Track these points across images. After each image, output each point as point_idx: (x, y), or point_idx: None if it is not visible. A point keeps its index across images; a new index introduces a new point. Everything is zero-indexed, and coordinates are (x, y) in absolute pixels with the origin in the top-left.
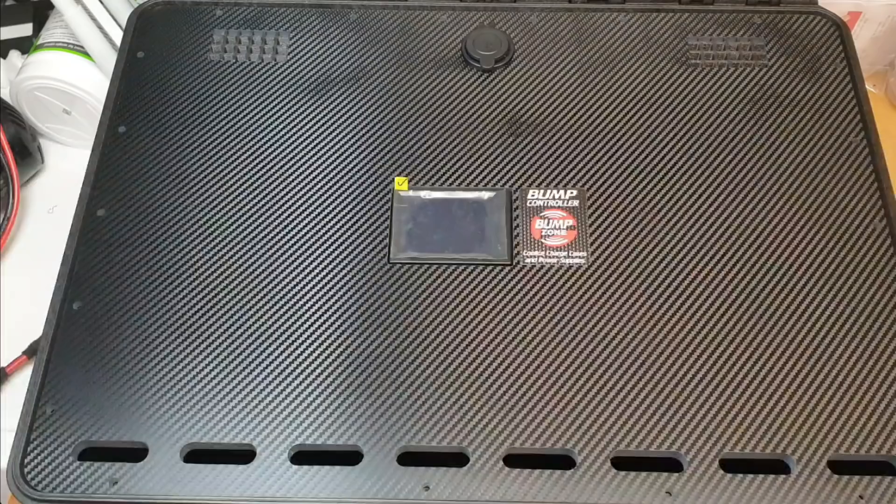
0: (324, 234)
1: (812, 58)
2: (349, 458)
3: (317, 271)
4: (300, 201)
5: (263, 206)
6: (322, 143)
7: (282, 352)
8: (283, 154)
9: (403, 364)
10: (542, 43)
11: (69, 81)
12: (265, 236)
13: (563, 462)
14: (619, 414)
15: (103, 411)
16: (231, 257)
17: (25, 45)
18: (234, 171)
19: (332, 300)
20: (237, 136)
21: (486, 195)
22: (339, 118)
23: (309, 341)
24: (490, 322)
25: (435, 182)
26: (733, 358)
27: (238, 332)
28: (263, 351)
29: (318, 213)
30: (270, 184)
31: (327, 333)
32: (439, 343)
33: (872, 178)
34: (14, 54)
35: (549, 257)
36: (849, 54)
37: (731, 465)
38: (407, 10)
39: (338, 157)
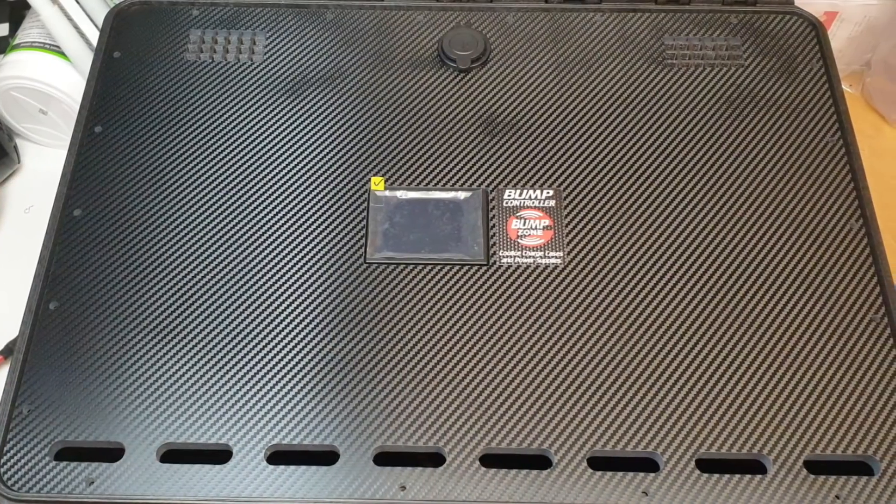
0: (300, 234)
1: (788, 58)
2: (325, 458)
3: (293, 271)
4: (276, 201)
5: (239, 206)
6: (298, 143)
7: (258, 352)
8: (259, 154)
9: (379, 364)
10: (518, 43)
11: (45, 81)
12: (241, 237)
13: (539, 462)
14: (596, 414)
15: (80, 411)
16: (207, 258)
17: (1, 46)
18: (211, 172)
19: (308, 300)
20: (213, 137)
21: (462, 195)
22: (315, 118)
23: (285, 341)
24: (466, 322)
25: (411, 182)
26: (710, 358)
27: (214, 333)
28: (239, 351)
29: (295, 213)
30: (246, 184)
31: (303, 333)
32: (415, 343)
33: (849, 178)
34: None
35: (526, 257)
36: (825, 54)
37: (708, 465)
38: (383, 10)
39: (314, 157)
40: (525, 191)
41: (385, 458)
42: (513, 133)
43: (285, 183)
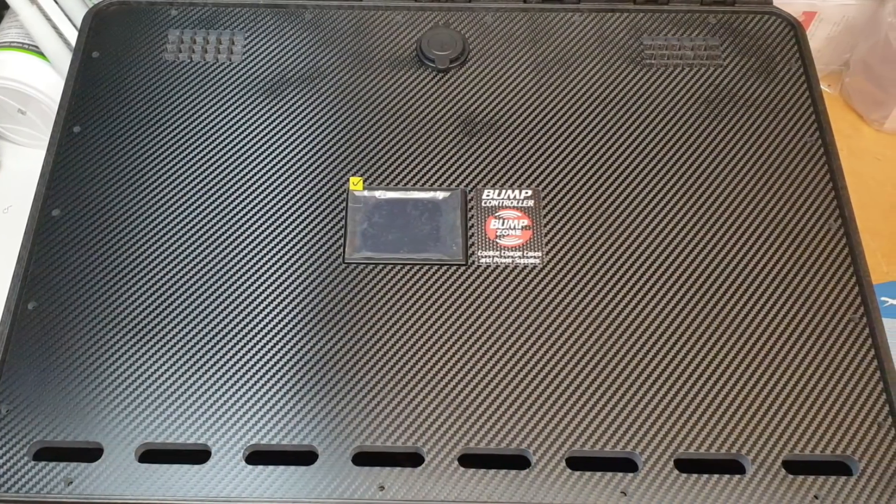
0: (278, 234)
1: (767, 58)
2: (304, 458)
3: (272, 271)
4: (255, 201)
5: (218, 206)
6: (277, 144)
7: (237, 352)
8: (238, 154)
9: (358, 364)
10: (496, 43)
11: (24, 81)
12: (220, 236)
13: (518, 462)
14: (574, 414)
15: (58, 411)
16: (186, 258)
17: None
18: (189, 172)
19: (287, 300)
20: (192, 137)
21: (440, 195)
22: (293, 118)
23: (264, 341)
24: (445, 322)
25: (389, 182)
26: (688, 358)
27: (193, 333)
28: (218, 351)
29: (273, 214)
30: (225, 184)
31: (282, 333)
32: (394, 343)
33: (827, 179)
34: None
35: (504, 257)
36: (804, 54)
37: (686, 465)
38: (362, 10)
39: (292, 157)
40: (504, 191)
41: (364, 458)
42: (491, 133)
43: (264, 183)
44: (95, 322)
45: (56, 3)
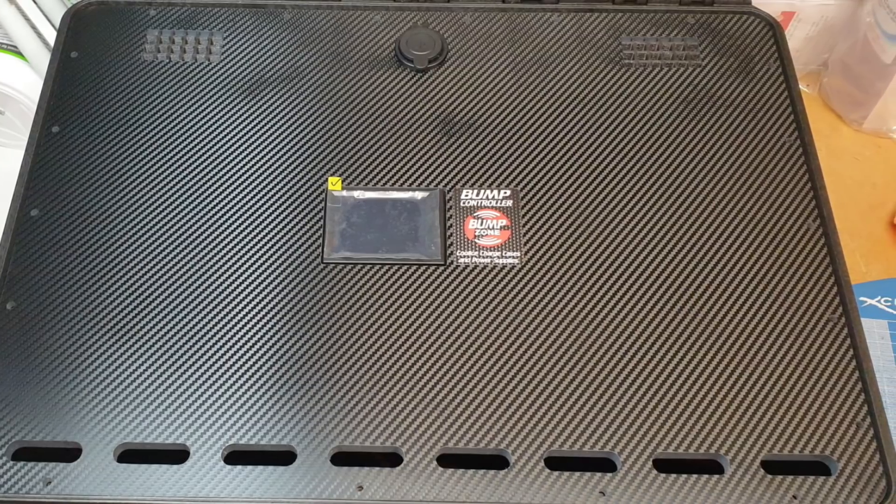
0: (257, 234)
1: (746, 58)
2: (283, 458)
3: (250, 271)
4: (233, 201)
5: (197, 206)
6: (255, 144)
7: (215, 352)
8: (217, 154)
9: (337, 364)
10: (475, 43)
11: (2, 81)
12: (198, 236)
13: (496, 462)
14: (553, 414)
15: (37, 411)
16: (164, 257)
17: None
18: (168, 172)
19: (266, 300)
20: (170, 137)
21: (419, 195)
22: (272, 118)
23: (243, 341)
24: (423, 322)
25: (368, 182)
26: (667, 358)
27: (171, 332)
28: (197, 351)
29: (252, 213)
30: (204, 184)
31: (261, 333)
32: (373, 343)
33: (806, 179)
34: None
35: (483, 257)
36: (782, 54)
37: (665, 465)
38: (340, 10)
39: (271, 157)
40: (482, 191)
41: (342, 458)
42: (470, 133)
43: (243, 183)
44: (74, 322)
45: (35, 2)
